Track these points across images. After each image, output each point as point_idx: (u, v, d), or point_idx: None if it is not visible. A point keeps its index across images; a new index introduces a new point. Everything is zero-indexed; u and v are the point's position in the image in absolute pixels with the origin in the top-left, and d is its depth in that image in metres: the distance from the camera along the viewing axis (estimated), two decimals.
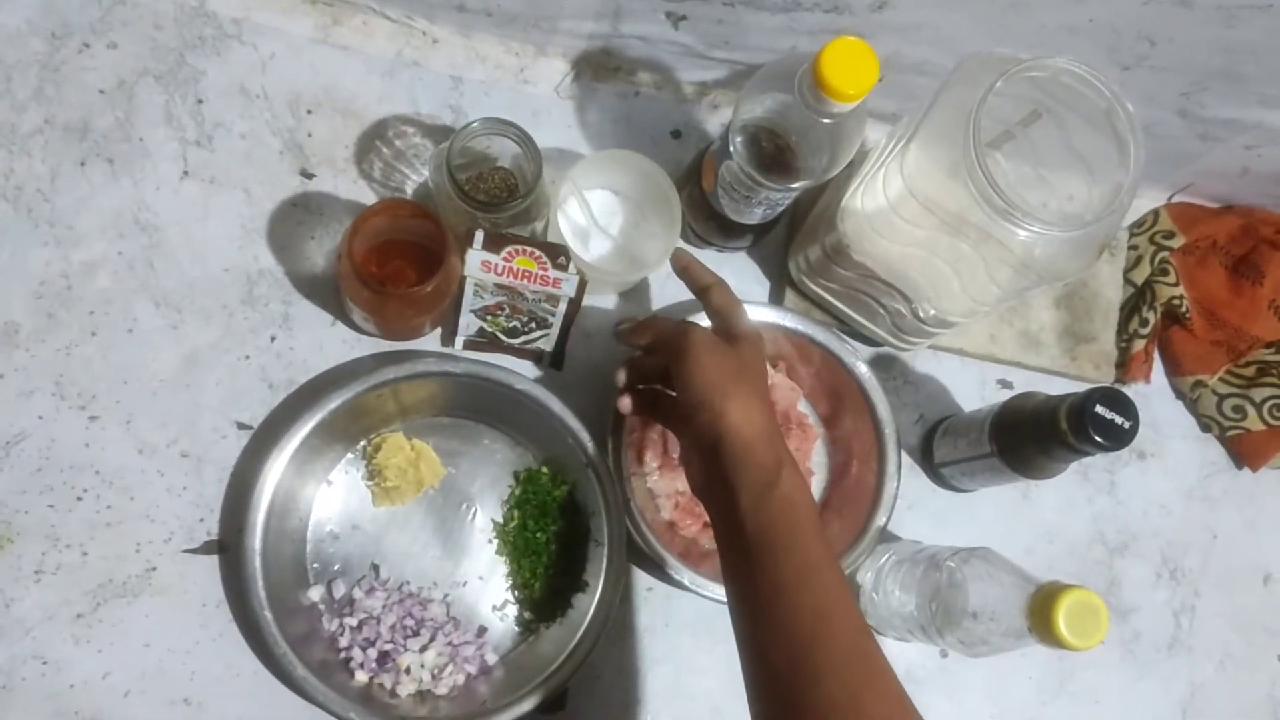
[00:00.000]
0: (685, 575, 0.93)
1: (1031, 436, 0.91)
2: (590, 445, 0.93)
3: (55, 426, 0.91)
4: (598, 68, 1.07)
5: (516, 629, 0.96)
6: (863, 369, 1.00)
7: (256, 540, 0.87)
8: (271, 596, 0.87)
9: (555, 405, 0.93)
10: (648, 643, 0.98)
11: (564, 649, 0.90)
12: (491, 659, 0.94)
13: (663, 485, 0.99)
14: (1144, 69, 0.94)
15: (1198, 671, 1.09)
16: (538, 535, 0.95)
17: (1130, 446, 1.10)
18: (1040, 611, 0.77)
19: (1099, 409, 0.85)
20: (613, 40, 1.03)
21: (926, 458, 1.06)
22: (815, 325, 1.01)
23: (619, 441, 0.95)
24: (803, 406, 1.05)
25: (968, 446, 0.98)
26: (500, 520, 0.97)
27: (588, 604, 0.92)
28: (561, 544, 0.95)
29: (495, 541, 0.97)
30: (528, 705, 0.88)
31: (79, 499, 0.91)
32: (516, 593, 0.96)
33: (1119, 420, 0.85)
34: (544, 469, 0.97)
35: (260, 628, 0.86)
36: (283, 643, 0.86)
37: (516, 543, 0.96)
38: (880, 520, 0.98)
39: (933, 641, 0.91)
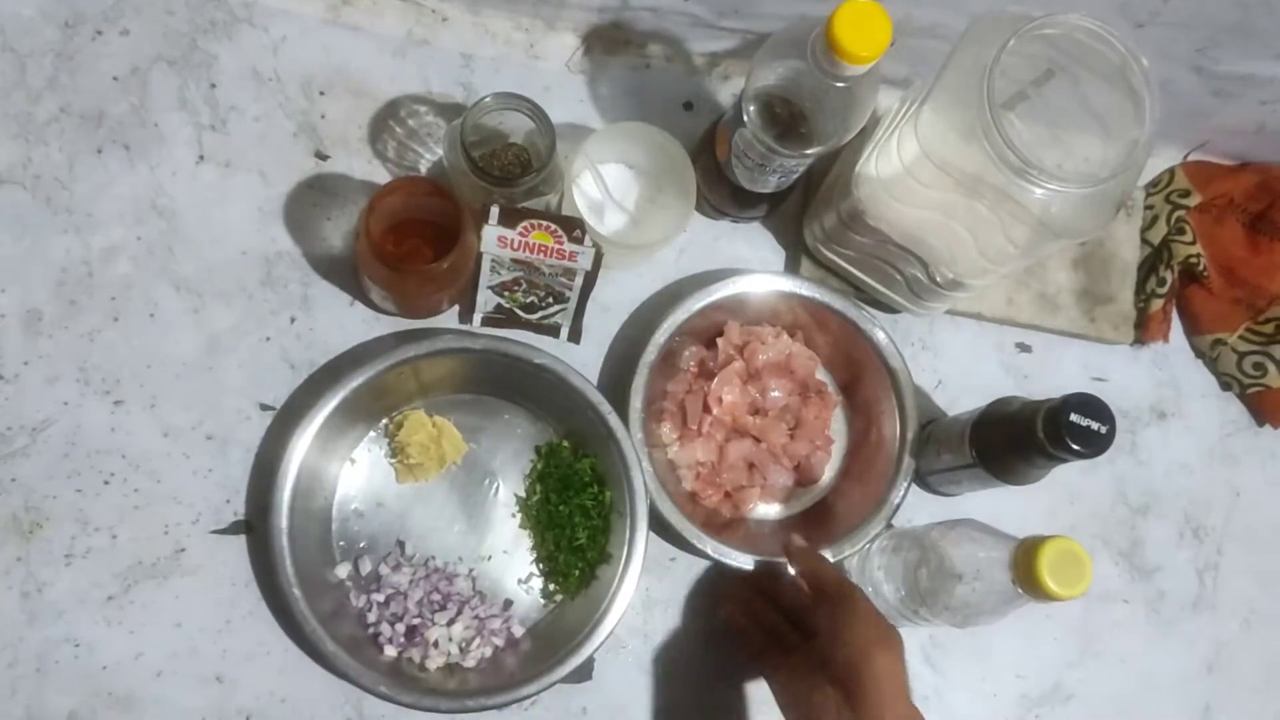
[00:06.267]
0: (709, 545, 0.94)
1: (1010, 445, 0.90)
2: (611, 418, 0.93)
3: (81, 412, 0.92)
4: (608, 41, 1.07)
5: (542, 601, 0.96)
6: (880, 335, 1.00)
7: (283, 520, 0.88)
8: (300, 575, 0.88)
9: (574, 379, 0.94)
10: (673, 612, 0.99)
11: (589, 620, 0.91)
12: (518, 631, 0.94)
13: (683, 456, 1.00)
14: (1157, 25, 0.93)
15: (1222, 629, 1.09)
16: (560, 508, 0.95)
17: (1151, 406, 1.11)
18: (1023, 563, 0.77)
19: (1074, 417, 0.83)
20: (622, 13, 1.03)
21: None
22: (831, 293, 1.01)
23: (638, 414, 0.95)
24: (820, 374, 1.05)
25: (950, 456, 0.97)
26: (523, 494, 0.98)
27: (612, 575, 0.93)
28: (584, 516, 0.95)
29: (518, 515, 0.97)
30: (555, 676, 0.89)
31: (106, 483, 0.92)
32: (541, 565, 0.97)
33: (1095, 426, 0.84)
34: (565, 442, 0.98)
35: (290, 605, 0.87)
36: (312, 619, 0.87)
37: (540, 516, 0.96)
38: (900, 488, 0.99)
39: (921, 620, 0.91)
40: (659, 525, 0.95)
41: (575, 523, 0.95)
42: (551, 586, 0.96)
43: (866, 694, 0.77)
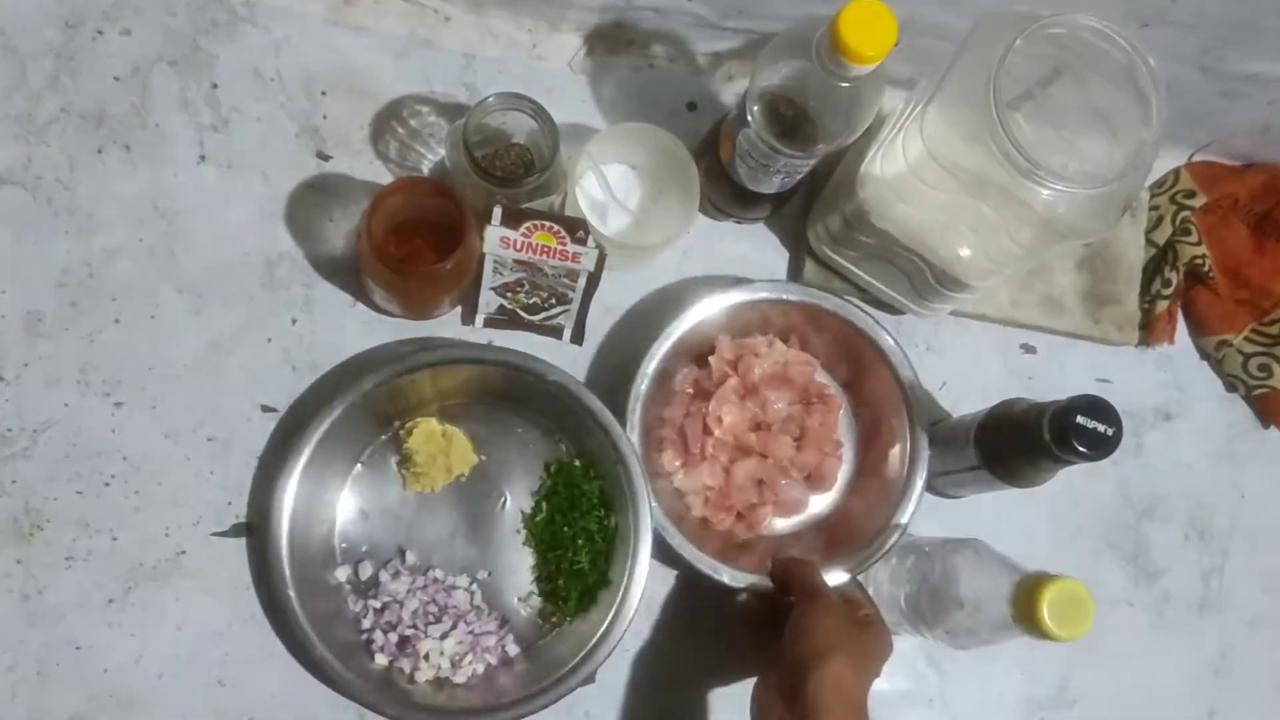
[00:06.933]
0: (725, 573, 0.93)
1: (1016, 447, 0.90)
2: (622, 442, 0.92)
3: (81, 414, 0.92)
4: (611, 42, 1.06)
5: (539, 622, 0.95)
6: (875, 327, 0.99)
7: (284, 519, 0.88)
8: (297, 576, 0.87)
9: (589, 399, 0.92)
10: (678, 617, 0.98)
11: (585, 645, 0.90)
12: (513, 650, 0.93)
13: (689, 483, 0.98)
14: (1164, 25, 0.93)
15: (1228, 632, 1.09)
16: (565, 529, 0.94)
17: (1156, 408, 1.11)
18: (1024, 602, 0.76)
19: (1080, 419, 0.83)
20: (626, 13, 1.03)
21: None
22: (821, 294, 1.00)
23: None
24: (821, 377, 1.04)
25: (955, 459, 0.96)
26: (529, 511, 0.97)
27: (612, 601, 0.91)
28: (588, 540, 0.94)
29: (523, 532, 0.96)
30: (544, 701, 0.88)
31: (107, 485, 0.91)
32: (541, 585, 0.95)
33: (1101, 428, 0.83)
34: (576, 462, 0.96)
35: (283, 607, 0.87)
36: (305, 623, 0.87)
37: (544, 535, 0.95)
38: (919, 480, 0.97)
39: (921, 634, 0.91)
40: (670, 558, 0.95)
41: (578, 545, 0.94)
42: (550, 608, 0.95)
43: (805, 699, 0.75)
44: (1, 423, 0.90)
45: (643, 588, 0.91)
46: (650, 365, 0.96)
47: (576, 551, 0.93)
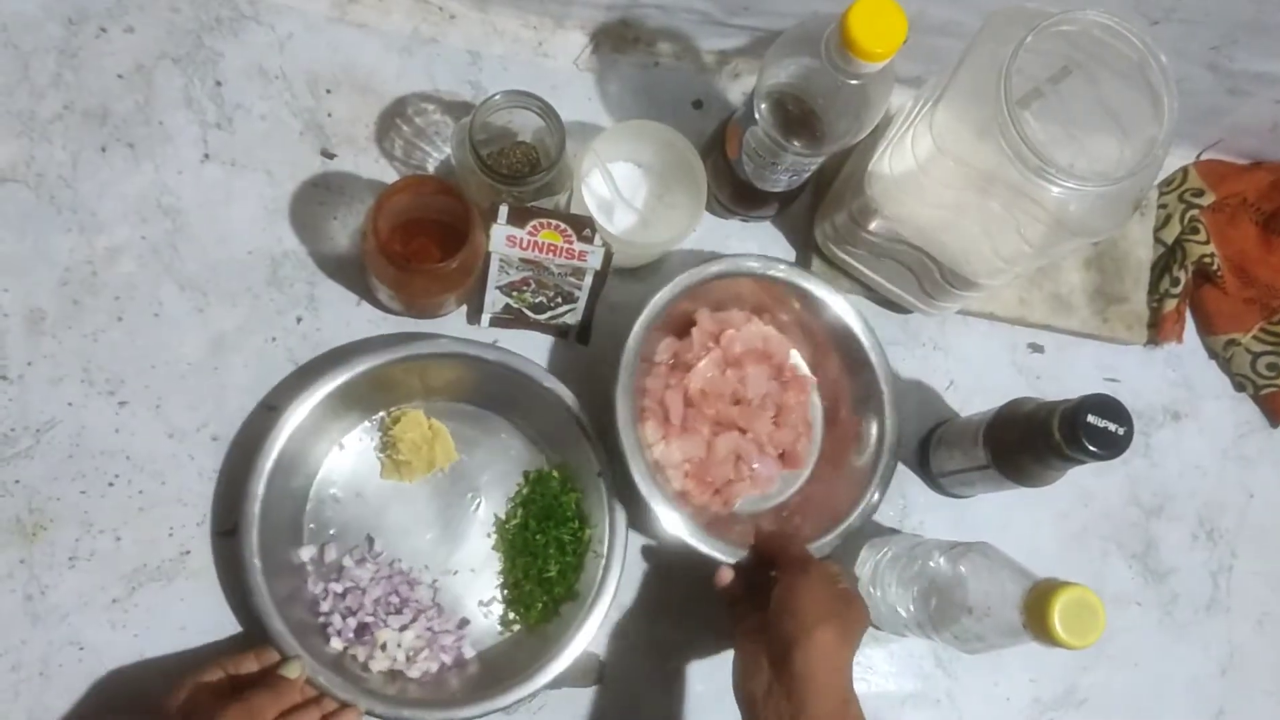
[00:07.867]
0: (706, 546, 0.92)
1: (1025, 446, 0.89)
2: (606, 456, 0.92)
3: (85, 413, 0.91)
4: (617, 39, 1.06)
5: (499, 628, 0.95)
6: (843, 305, 0.98)
7: (260, 486, 0.87)
8: (264, 549, 0.86)
9: (578, 410, 0.92)
10: (683, 614, 0.98)
11: (541, 657, 0.89)
12: (468, 653, 0.93)
13: (669, 455, 0.96)
14: (1173, 22, 0.92)
15: (1236, 631, 1.08)
16: (537, 537, 0.94)
17: (1165, 407, 1.11)
18: (1035, 609, 0.76)
19: (1091, 418, 0.82)
20: (631, 10, 1.02)
21: (924, 466, 1.04)
22: (785, 267, 0.98)
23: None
24: (793, 357, 1.02)
25: (963, 458, 0.96)
26: (503, 516, 0.96)
27: (574, 614, 0.91)
28: (559, 550, 0.93)
29: (494, 536, 0.96)
30: (495, 705, 0.87)
31: (110, 484, 0.91)
32: (505, 592, 0.95)
33: (1112, 428, 0.83)
34: (555, 473, 0.96)
35: (247, 579, 0.86)
36: (265, 593, 0.85)
37: (515, 541, 0.95)
38: (882, 466, 0.96)
39: (928, 637, 0.90)
40: (651, 533, 0.95)
41: (549, 554, 0.93)
42: (511, 615, 0.94)
43: (795, 670, 0.76)
44: (4, 422, 0.90)
45: (609, 602, 0.91)
46: (634, 343, 0.93)
47: (546, 560, 0.93)
